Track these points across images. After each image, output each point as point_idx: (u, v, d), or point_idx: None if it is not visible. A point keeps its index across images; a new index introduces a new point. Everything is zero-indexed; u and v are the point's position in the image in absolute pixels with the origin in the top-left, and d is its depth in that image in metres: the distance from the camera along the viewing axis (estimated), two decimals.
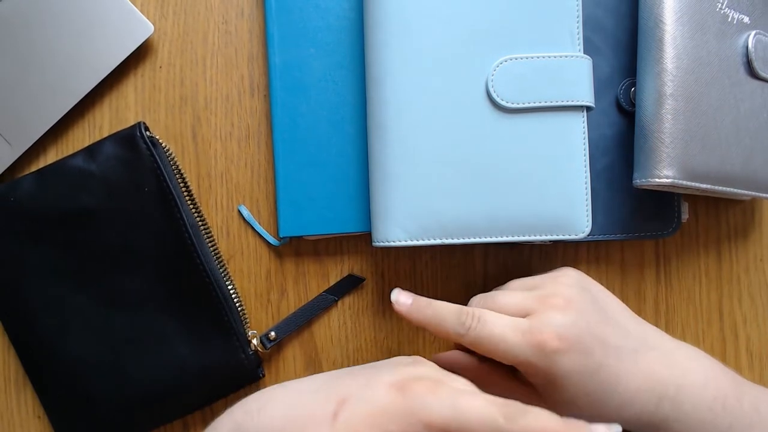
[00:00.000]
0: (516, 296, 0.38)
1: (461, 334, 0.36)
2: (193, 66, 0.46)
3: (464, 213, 0.40)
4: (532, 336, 0.35)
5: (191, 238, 0.42)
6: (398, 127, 0.40)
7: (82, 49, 0.44)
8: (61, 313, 0.43)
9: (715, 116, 0.41)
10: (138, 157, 0.42)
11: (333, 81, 0.44)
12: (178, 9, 0.46)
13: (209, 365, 0.43)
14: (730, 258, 0.48)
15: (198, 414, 0.45)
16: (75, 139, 0.46)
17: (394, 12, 0.40)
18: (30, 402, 0.45)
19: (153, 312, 0.43)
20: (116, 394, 0.43)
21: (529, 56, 0.40)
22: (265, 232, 0.45)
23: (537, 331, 0.35)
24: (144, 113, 0.46)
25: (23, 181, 0.43)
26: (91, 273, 0.43)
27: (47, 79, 0.44)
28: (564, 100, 0.40)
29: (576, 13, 0.40)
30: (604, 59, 0.44)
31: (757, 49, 0.43)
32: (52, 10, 0.44)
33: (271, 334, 0.44)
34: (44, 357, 0.43)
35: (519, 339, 0.35)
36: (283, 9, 0.44)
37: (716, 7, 0.42)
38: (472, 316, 0.36)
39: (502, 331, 0.35)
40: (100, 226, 0.42)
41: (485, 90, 0.40)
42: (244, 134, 0.46)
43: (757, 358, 0.48)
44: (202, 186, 0.46)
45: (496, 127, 0.40)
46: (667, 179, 0.39)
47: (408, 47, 0.40)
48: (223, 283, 0.43)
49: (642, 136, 0.41)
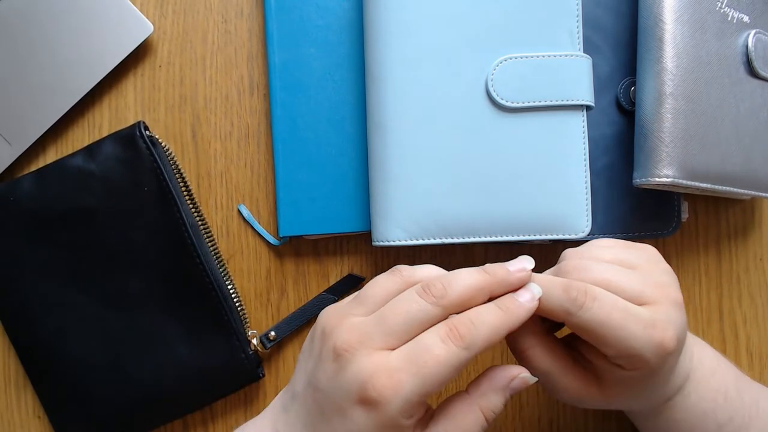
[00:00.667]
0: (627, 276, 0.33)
1: (571, 312, 0.31)
2: (193, 65, 0.46)
3: (464, 213, 0.40)
4: (655, 332, 0.31)
5: (191, 238, 0.42)
6: (398, 127, 0.40)
7: (82, 49, 0.44)
8: (61, 313, 0.43)
9: (715, 115, 0.41)
10: (138, 157, 0.42)
11: (333, 80, 0.44)
12: (177, 8, 0.46)
13: (209, 365, 0.43)
14: (730, 257, 0.48)
15: (198, 414, 0.45)
16: (74, 138, 0.46)
17: (393, 11, 0.40)
18: (30, 402, 0.45)
19: (153, 312, 0.43)
20: (116, 394, 0.43)
21: (529, 55, 0.40)
22: (265, 232, 0.45)
23: (661, 327, 0.31)
24: (143, 113, 0.46)
25: (23, 180, 0.43)
26: (91, 273, 0.43)
27: (47, 79, 0.44)
28: (564, 100, 0.40)
29: (576, 13, 0.40)
30: (604, 58, 0.44)
31: (757, 48, 0.43)
32: (52, 10, 0.44)
33: (271, 334, 0.44)
34: (44, 357, 0.43)
35: (640, 332, 0.30)
36: (282, 8, 0.44)
37: (716, 6, 0.41)
38: (584, 293, 0.31)
39: (622, 318, 0.30)
40: (100, 226, 0.42)
41: (485, 89, 0.40)
42: (244, 134, 0.46)
43: (757, 357, 0.48)
44: (202, 185, 0.46)
45: (495, 126, 0.40)
46: (667, 178, 0.39)
47: (407, 47, 0.40)
48: (223, 282, 0.43)
49: (642, 135, 0.41)
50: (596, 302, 0.31)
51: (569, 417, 0.46)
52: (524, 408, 0.46)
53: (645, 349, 0.31)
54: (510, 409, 0.46)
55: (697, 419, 0.36)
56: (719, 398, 0.36)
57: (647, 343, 0.31)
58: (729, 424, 0.36)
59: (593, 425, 0.46)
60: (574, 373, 0.34)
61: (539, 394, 0.46)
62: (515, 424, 0.46)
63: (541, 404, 0.46)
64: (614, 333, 0.30)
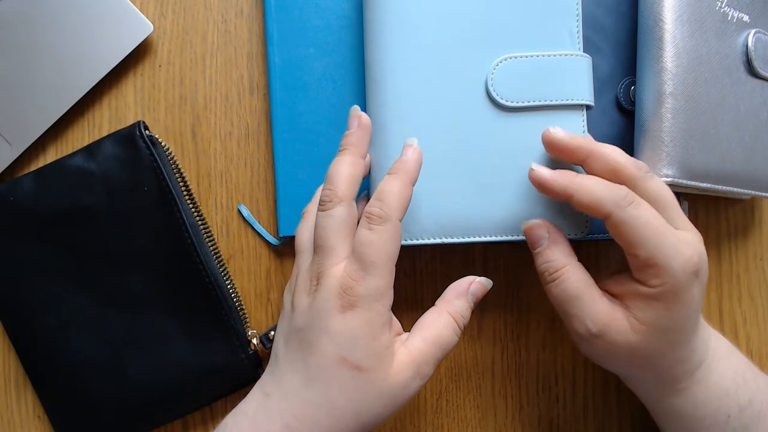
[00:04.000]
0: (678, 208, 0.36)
1: (620, 206, 0.33)
2: (193, 65, 0.46)
3: (464, 212, 0.40)
4: (687, 248, 0.33)
5: (191, 238, 0.42)
6: (397, 127, 0.40)
7: (82, 48, 0.44)
8: (61, 313, 0.43)
9: (715, 115, 0.41)
10: (137, 157, 0.42)
11: (333, 80, 0.44)
12: (177, 8, 0.46)
13: (209, 365, 0.43)
14: (730, 257, 0.48)
15: (198, 414, 0.45)
16: (74, 138, 0.46)
17: (393, 11, 0.40)
18: (30, 402, 0.45)
19: (153, 312, 0.43)
20: (116, 394, 0.43)
21: (529, 55, 0.40)
22: (265, 232, 0.45)
23: (692, 247, 0.34)
24: (143, 112, 0.46)
25: (23, 180, 0.43)
26: (91, 273, 0.43)
27: (46, 78, 0.44)
28: (564, 99, 0.40)
29: (576, 12, 0.40)
30: (604, 58, 0.44)
31: (756, 47, 0.43)
32: (52, 10, 0.44)
33: (271, 333, 0.44)
34: (44, 357, 0.43)
35: (674, 242, 0.33)
36: (282, 8, 0.44)
37: (716, 6, 0.42)
38: (633, 195, 0.34)
39: (662, 225, 0.33)
40: (100, 226, 0.42)
41: (485, 89, 0.40)
42: (244, 133, 0.46)
43: (757, 357, 0.48)
44: (202, 185, 0.46)
45: (495, 125, 0.40)
46: (667, 178, 0.39)
47: (407, 46, 0.40)
48: (223, 282, 0.43)
49: (642, 134, 0.41)
50: (642, 205, 0.34)
51: (569, 417, 0.46)
52: (524, 408, 0.46)
53: (674, 259, 0.33)
54: (510, 409, 0.46)
55: (720, 400, 0.36)
56: (738, 379, 0.37)
57: (678, 255, 0.33)
58: (749, 407, 0.37)
59: (593, 425, 0.46)
60: (603, 299, 0.35)
61: (539, 394, 0.46)
62: (515, 424, 0.46)
63: (541, 404, 0.46)
64: (652, 236, 0.33)
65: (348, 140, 0.37)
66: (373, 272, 0.33)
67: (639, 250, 0.33)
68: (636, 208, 0.33)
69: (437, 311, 0.36)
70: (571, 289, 0.35)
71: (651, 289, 0.34)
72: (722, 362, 0.37)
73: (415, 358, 0.34)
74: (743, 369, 0.38)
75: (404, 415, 0.46)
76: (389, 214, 0.34)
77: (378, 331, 0.33)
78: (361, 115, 0.38)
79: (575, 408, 0.46)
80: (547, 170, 0.36)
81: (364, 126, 0.38)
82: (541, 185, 0.36)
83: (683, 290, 0.33)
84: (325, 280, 0.34)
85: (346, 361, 0.33)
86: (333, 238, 0.34)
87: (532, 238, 0.37)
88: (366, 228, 0.34)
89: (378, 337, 0.33)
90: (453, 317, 0.36)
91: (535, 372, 0.46)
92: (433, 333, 0.35)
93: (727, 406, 0.36)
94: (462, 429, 0.46)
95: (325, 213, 0.35)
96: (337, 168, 0.36)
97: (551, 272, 0.36)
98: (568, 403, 0.46)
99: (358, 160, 0.37)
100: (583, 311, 0.35)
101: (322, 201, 0.35)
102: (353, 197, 0.35)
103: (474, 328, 0.46)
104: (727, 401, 0.36)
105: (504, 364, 0.46)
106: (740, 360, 0.38)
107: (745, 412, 0.37)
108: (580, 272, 0.36)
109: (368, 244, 0.33)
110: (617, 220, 0.33)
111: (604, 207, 0.34)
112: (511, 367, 0.46)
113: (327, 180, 0.36)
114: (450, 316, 0.36)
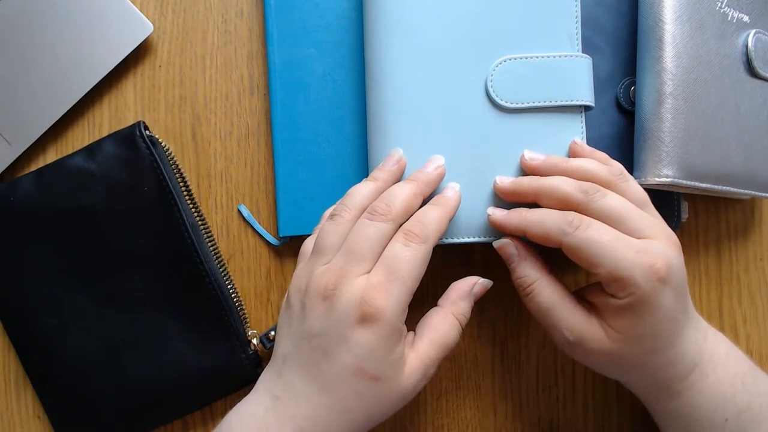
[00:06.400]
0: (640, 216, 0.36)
1: (566, 233, 0.34)
2: (193, 65, 0.46)
3: (463, 212, 0.40)
4: (646, 257, 0.33)
5: (191, 238, 0.42)
6: (397, 127, 0.40)
7: (82, 48, 0.44)
8: (61, 313, 0.43)
9: (715, 115, 0.41)
10: (138, 157, 0.42)
11: (333, 80, 0.44)
12: (177, 8, 0.46)
13: (209, 365, 0.43)
14: (730, 257, 0.48)
15: (198, 414, 0.45)
16: (74, 138, 0.46)
17: (393, 11, 0.40)
18: (30, 402, 0.45)
19: (153, 312, 0.43)
20: (116, 394, 0.43)
21: (528, 56, 0.40)
22: (265, 232, 0.45)
23: (653, 254, 0.34)
24: (143, 112, 0.46)
25: (23, 180, 0.43)
26: (91, 272, 0.43)
27: (47, 79, 0.44)
28: (563, 100, 0.40)
29: (575, 13, 0.40)
30: (604, 58, 0.44)
31: (756, 48, 0.43)
32: (52, 10, 0.44)
33: (271, 333, 0.44)
34: (44, 357, 0.43)
35: (631, 254, 0.33)
36: (282, 8, 0.44)
37: (716, 6, 0.42)
38: (580, 218, 0.35)
39: (615, 239, 0.34)
40: (100, 226, 0.42)
41: (484, 90, 0.40)
42: (244, 133, 0.46)
43: (757, 357, 0.48)
44: (202, 185, 0.46)
45: (495, 126, 0.40)
46: (667, 178, 0.39)
47: (407, 47, 0.40)
48: (223, 282, 0.43)
49: (642, 135, 0.41)
50: (591, 225, 0.34)
51: (569, 417, 0.46)
52: (524, 408, 0.46)
53: (635, 270, 0.33)
54: (510, 409, 0.46)
55: (717, 403, 0.36)
56: (737, 382, 0.37)
57: (637, 265, 0.33)
58: (748, 410, 0.36)
59: (593, 425, 0.46)
60: (577, 309, 0.36)
61: (539, 394, 0.46)
62: (515, 425, 0.46)
63: (541, 405, 0.46)
64: (606, 252, 0.33)
65: (420, 177, 0.38)
66: (398, 286, 0.33)
67: (598, 269, 0.34)
68: (584, 230, 0.34)
69: (443, 313, 0.37)
70: (544, 302, 0.36)
71: (619, 301, 0.34)
72: (720, 366, 0.37)
73: (424, 360, 0.35)
74: (743, 372, 0.37)
75: (404, 415, 0.46)
76: (428, 237, 0.35)
77: (394, 344, 0.33)
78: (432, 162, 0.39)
79: (575, 408, 0.46)
80: (500, 212, 0.38)
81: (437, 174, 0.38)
82: (497, 227, 0.38)
83: (651, 298, 0.34)
84: (345, 286, 0.33)
85: (363, 371, 0.33)
86: (369, 249, 0.34)
87: (504, 256, 0.38)
88: (402, 243, 0.34)
89: (393, 349, 0.33)
90: (457, 319, 0.37)
91: (535, 372, 0.46)
92: (440, 335, 0.36)
93: (725, 410, 0.36)
94: (462, 429, 0.46)
95: (372, 222, 0.35)
96: (402, 192, 0.36)
97: (524, 287, 0.37)
98: (568, 403, 0.46)
99: (420, 197, 0.37)
100: (559, 322, 0.36)
101: (375, 212, 0.35)
102: (401, 223, 0.36)
103: (474, 328, 0.46)
104: (725, 405, 0.36)
105: (504, 364, 0.46)
106: (741, 363, 0.38)
107: (744, 416, 0.36)
108: (551, 285, 0.37)
109: (402, 258, 0.34)
110: (568, 246, 0.34)
111: (554, 236, 0.35)
112: (511, 367, 0.46)
113: (387, 195, 0.36)
114: (455, 318, 0.37)
